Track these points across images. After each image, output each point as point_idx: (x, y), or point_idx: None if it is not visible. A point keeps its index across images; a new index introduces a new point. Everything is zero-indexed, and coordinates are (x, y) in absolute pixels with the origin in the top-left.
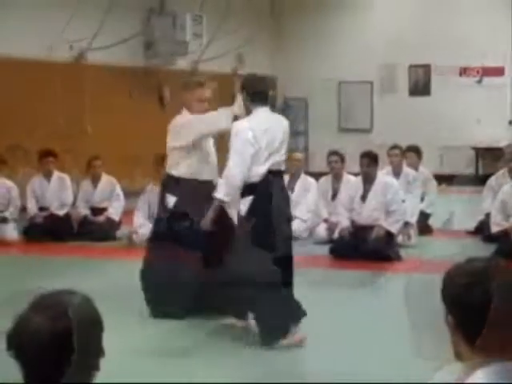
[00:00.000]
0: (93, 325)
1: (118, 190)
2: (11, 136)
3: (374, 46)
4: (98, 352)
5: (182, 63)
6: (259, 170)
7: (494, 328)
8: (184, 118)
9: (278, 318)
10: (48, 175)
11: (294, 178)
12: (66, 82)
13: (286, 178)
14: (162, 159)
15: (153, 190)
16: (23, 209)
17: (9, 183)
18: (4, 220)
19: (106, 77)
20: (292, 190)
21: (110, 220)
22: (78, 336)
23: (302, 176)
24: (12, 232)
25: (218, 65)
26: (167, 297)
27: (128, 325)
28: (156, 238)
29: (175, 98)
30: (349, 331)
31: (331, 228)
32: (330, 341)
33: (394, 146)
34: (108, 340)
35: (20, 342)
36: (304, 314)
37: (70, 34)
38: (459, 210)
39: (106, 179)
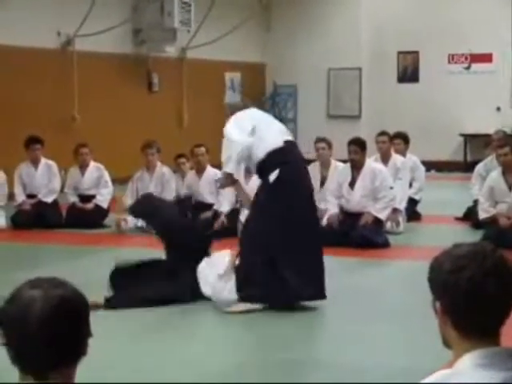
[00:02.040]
0: (83, 303)
1: (106, 176)
2: None
3: (363, 33)
4: (88, 331)
5: (171, 50)
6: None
7: (480, 313)
8: None
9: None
10: (35, 162)
11: None
12: (54, 69)
13: None
14: (149, 145)
15: (141, 177)
16: (11, 196)
17: None
18: None
19: (94, 64)
20: None
21: (98, 207)
22: (70, 309)
23: None
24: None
25: (207, 52)
26: None
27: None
28: None
29: (163, 85)
30: (337, 319)
31: (319, 215)
32: (318, 329)
33: (382, 133)
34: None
35: (11, 314)
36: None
37: (58, 21)
38: (447, 197)
39: (93, 166)
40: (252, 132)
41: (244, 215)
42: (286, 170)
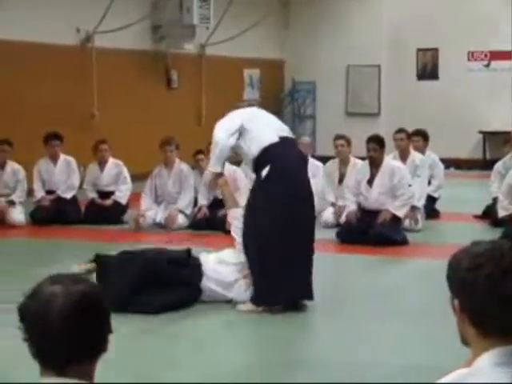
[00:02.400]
0: (103, 300)
1: (125, 173)
2: (19, 119)
3: (383, 30)
4: (108, 328)
5: (190, 47)
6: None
7: (499, 311)
8: None
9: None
10: (54, 158)
11: None
12: (73, 66)
13: None
14: (168, 142)
15: (160, 173)
16: (30, 192)
17: (16, 166)
18: (11, 203)
19: (113, 61)
20: None
21: (116, 203)
22: (91, 305)
23: (310, 160)
24: (19, 215)
25: (226, 49)
26: None
27: None
28: None
29: (182, 81)
30: (354, 317)
31: (338, 212)
32: (336, 327)
33: (400, 130)
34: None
35: (33, 310)
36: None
37: (77, 17)
38: (466, 195)
39: (112, 162)
40: (238, 131)
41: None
42: (276, 165)
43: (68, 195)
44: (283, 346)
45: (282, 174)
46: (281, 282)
